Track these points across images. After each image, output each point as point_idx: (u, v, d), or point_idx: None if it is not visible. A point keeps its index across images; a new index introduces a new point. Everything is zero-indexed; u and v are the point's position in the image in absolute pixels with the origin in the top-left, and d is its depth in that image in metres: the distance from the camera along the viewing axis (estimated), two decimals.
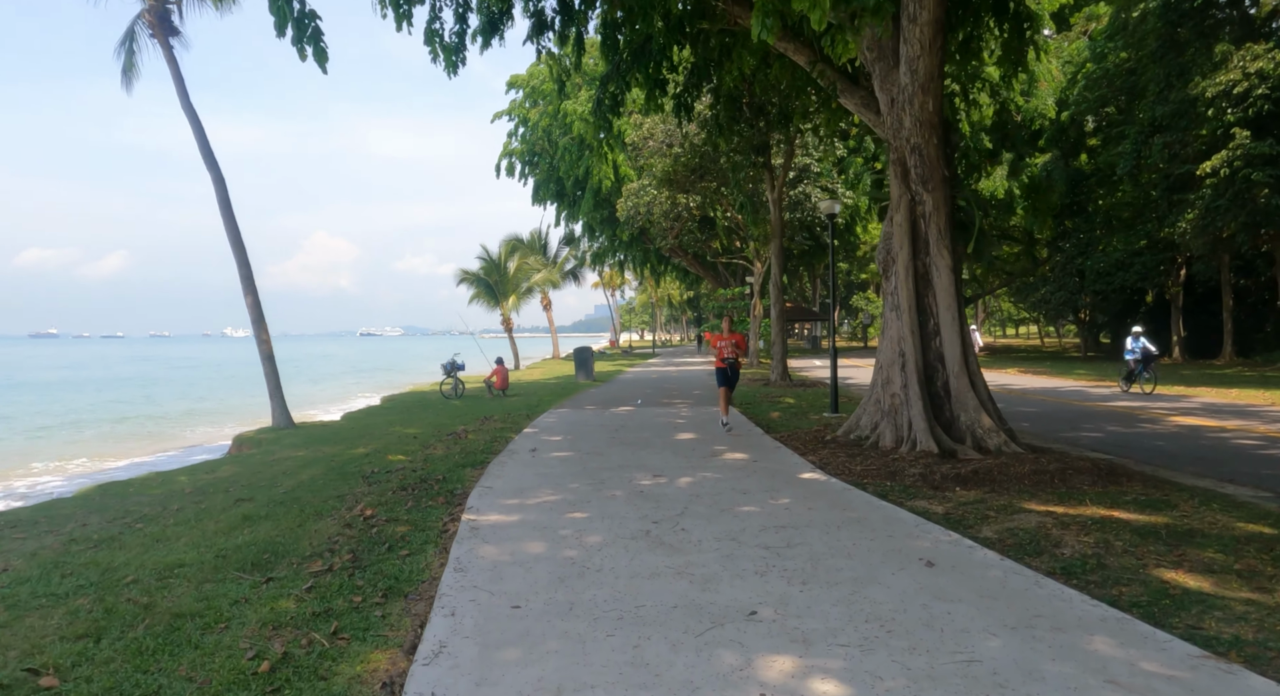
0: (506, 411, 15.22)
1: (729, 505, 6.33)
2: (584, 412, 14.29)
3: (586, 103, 39.09)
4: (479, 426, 12.76)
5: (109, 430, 21.93)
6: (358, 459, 9.44)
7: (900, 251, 8.82)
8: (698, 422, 12.28)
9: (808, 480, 7.33)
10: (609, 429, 11.68)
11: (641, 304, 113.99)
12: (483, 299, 38.53)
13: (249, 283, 13.45)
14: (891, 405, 9.00)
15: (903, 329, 8.87)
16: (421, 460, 9.32)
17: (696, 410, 14.34)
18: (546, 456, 9.16)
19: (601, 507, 6.36)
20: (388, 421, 14.05)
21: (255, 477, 8.40)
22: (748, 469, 8.01)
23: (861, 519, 5.76)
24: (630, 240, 43.53)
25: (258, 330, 13.69)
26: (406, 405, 17.77)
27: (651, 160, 30.11)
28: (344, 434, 12.32)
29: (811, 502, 6.34)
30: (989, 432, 8.33)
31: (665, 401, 16.37)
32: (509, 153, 44.32)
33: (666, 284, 75.29)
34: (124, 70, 14.06)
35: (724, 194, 28.52)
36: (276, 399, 13.78)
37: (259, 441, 12.39)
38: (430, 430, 12.42)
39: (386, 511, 6.60)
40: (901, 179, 8.72)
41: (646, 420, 12.82)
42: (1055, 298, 36.39)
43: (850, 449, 8.96)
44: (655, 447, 9.63)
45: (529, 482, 7.55)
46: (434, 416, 14.73)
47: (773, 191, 21.43)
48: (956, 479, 7.23)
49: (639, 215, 31.98)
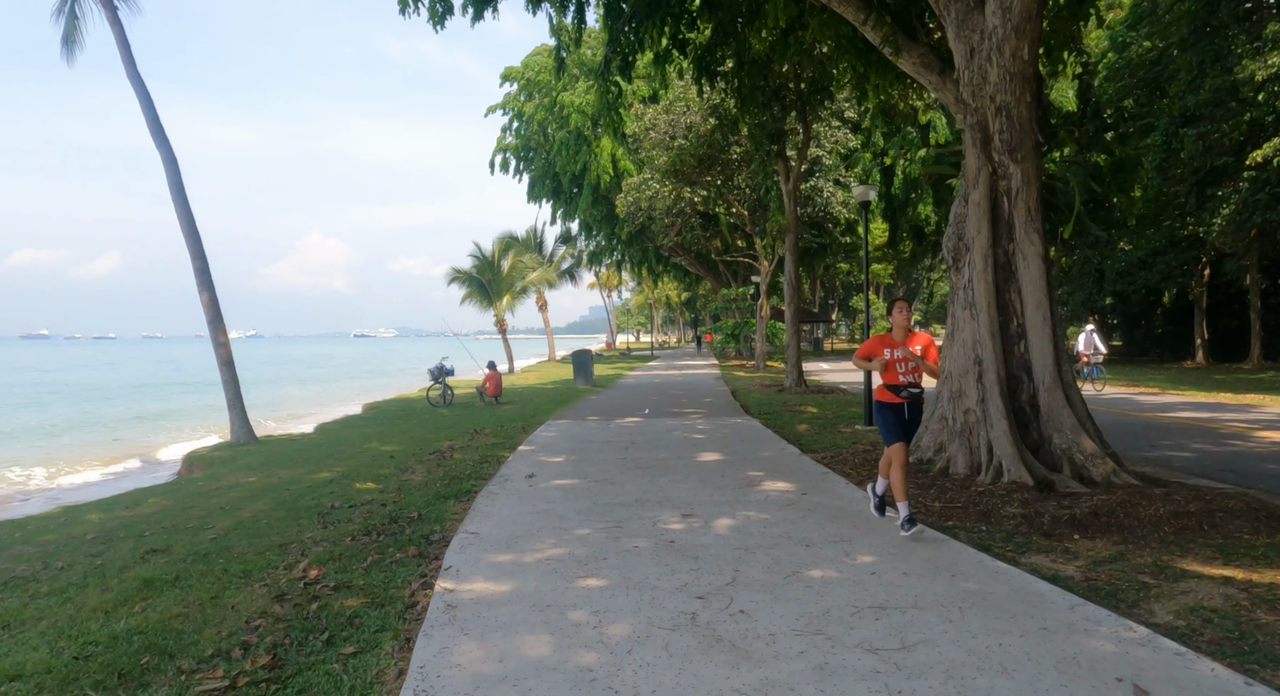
0: (499, 423, 13.62)
1: (794, 566, 4.74)
2: (586, 425, 12.70)
3: (584, 94, 37.51)
4: (467, 442, 11.15)
5: (75, 440, 20.21)
6: (318, 487, 7.82)
7: (977, 237, 7.25)
8: (720, 439, 10.69)
9: (884, 524, 5.74)
10: (617, 446, 10.08)
11: (638, 305, 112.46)
12: (475, 299, 36.85)
13: (204, 277, 11.81)
14: (965, 423, 7.42)
15: (979, 331, 7.30)
16: (395, 489, 7.71)
17: (714, 422, 12.75)
18: (546, 485, 7.56)
19: (623, 568, 4.77)
20: (364, 435, 12.43)
21: (184, 515, 6.80)
22: (798, 505, 6.42)
23: (985, 593, 4.18)
24: (629, 238, 41.94)
25: (214, 332, 12.04)
26: (388, 414, 16.15)
27: (653, 153, 28.55)
28: (310, 451, 10.71)
29: (904, 563, 4.76)
30: (1092, 459, 6.76)
31: (676, 411, 14.78)
32: (503, 148, 42.70)
33: (664, 284, 73.76)
34: (64, 39, 12.44)
35: (731, 188, 26.96)
36: (236, 410, 12.14)
37: (211, 460, 10.78)
38: (411, 447, 10.80)
39: (337, 571, 5.00)
40: (980, 147, 7.15)
41: (659, 435, 11.23)
42: (1073, 298, 34.95)
43: (914, 476, 7.38)
44: (676, 472, 8.04)
45: (526, 525, 5.95)
46: (417, 429, 13.11)
47: (787, 182, 19.86)
48: (1071, 523, 5.66)
49: (639, 211, 30.40)
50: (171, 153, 11.61)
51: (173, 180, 11.55)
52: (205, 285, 11.80)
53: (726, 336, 36.82)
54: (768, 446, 9.88)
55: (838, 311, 77.47)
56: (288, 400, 30.30)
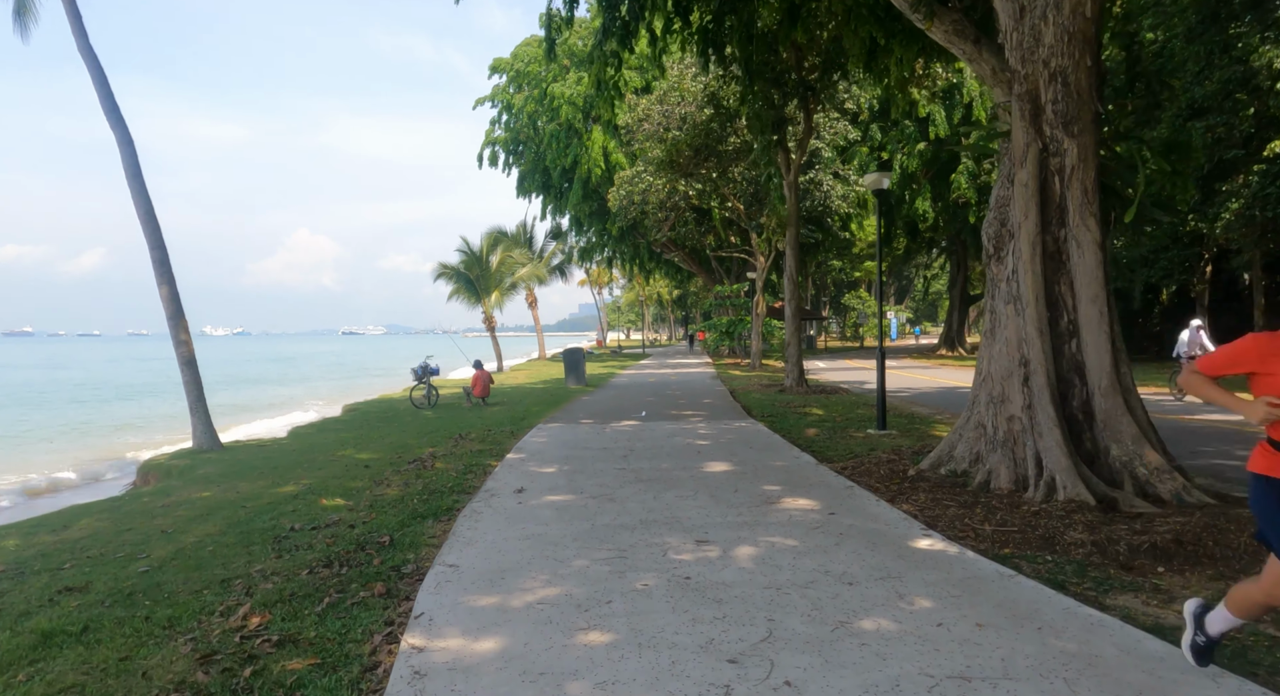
0: (486, 426, 12.74)
1: (840, 613, 3.90)
2: (580, 429, 11.83)
3: (574, 86, 36.59)
4: (451, 448, 10.27)
5: (25, 446, 19.16)
6: (279, 504, 6.93)
7: (1024, 222, 6.43)
8: (725, 445, 9.85)
9: (933, 554, 4.91)
10: (615, 454, 9.22)
11: (628, 302, 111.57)
12: (463, 295, 35.83)
13: (164, 269, 10.83)
14: (1008, 432, 6.61)
15: (1025, 328, 6.48)
16: (366, 506, 6.82)
17: (716, 426, 11.92)
18: (538, 502, 6.69)
19: (633, 616, 3.92)
20: (339, 440, 11.52)
21: (118, 540, 5.90)
22: (828, 528, 5.58)
23: (1090, 656, 3.35)
24: (620, 234, 41.07)
25: (175, 329, 11.05)
26: (369, 417, 15.23)
27: (646, 145, 27.67)
28: (278, 460, 9.80)
29: (973, 609, 3.92)
30: (1159, 474, 5.95)
31: (674, 414, 13.93)
32: (492, 141, 41.72)
33: (656, 281, 72.94)
34: (15, 13, 11.46)
35: (727, 180, 26.12)
36: (198, 414, 11.17)
37: (168, 470, 9.85)
38: (388, 454, 9.90)
39: (285, 617, 4.13)
40: (1030, 120, 6.32)
41: (659, 440, 10.38)
42: None
43: (950, 491, 6.57)
44: (683, 486, 7.19)
45: (514, 555, 5.09)
46: (397, 433, 12.21)
47: (788, 174, 19.04)
48: (1153, 552, 4.84)
49: (632, 205, 29.53)
50: (127, 133, 10.62)
51: (128, 162, 10.56)
52: (165, 278, 10.80)
53: (721, 334, 36.03)
54: (779, 454, 9.04)
55: (829, 309, 76.78)
56: (266, 400, 29.25)
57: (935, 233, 47.02)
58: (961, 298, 46.27)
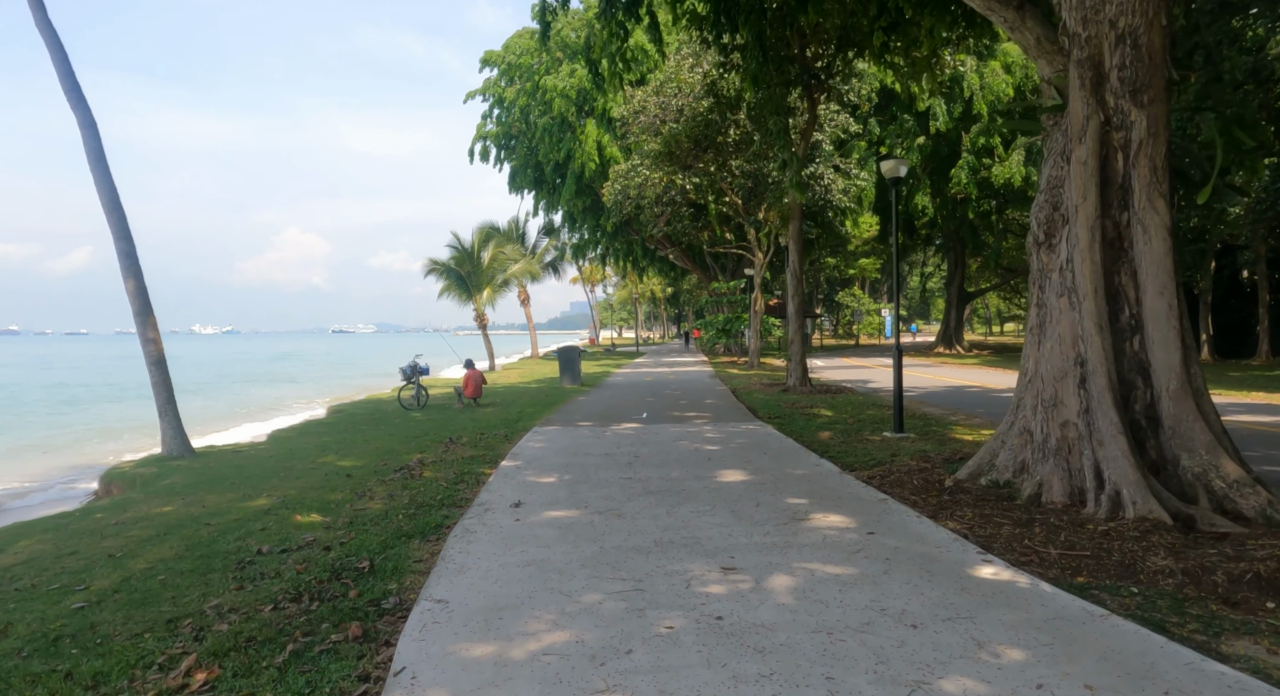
0: (479, 429, 12.01)
1: (912, 669, 3.21)
2: (579, 432, 11.12)
3: (567, 78, 35.81)
4: (441, 454, 9.53)
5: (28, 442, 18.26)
6: (247, 521, 6.18)
7: (1081, 204, 5.75)
8: (737, 450, 9.15)
9: (1001, 586, 4.22)
10: (619, 461, 8.51)
11: (620, 300, 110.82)
12: (454, 292, 34.97)
13: (130, 261, 10.00)
14: (1061, 439, 5.93)
15: (1081, 324, 5.81)
16: (345, 522, 6.09)
17: (723, 429, 11.22)
18: (537, 518, 5.97)
19: (659, 673, 3.22)
20: (322, 445, 10.76)
21: (56, 566, 5.16)
22: (871, 551, 4.89)
23: None
24: (614, 230, 40.38)
25: (142, 327, 10.21)
26: (354, 419, 14.46)
27: (643, 138, 26.96)
28: (253, 468, 9.03)
29: (1076, 665, 3.23)
30: (1239, 487, 5.29)
31: (677, 415, 13.23)
32: (483, 135, 40.86)
33: (649, 279, 72.22)
34: None
35: (725, 174, 25.43)
36: (168, 418, 10.35)
37: (131, 480, 9.06)
38: (373, 461, 9.15)
39: (237, 673, 3.41)
40: (1091, 89, 5.64)
41: (664, 445, 9.67)
42: None
43: (997, 505, 5.89)
44: (698, 499, 6.49)
45: (513, 586, 4.38)
46: (384, 437, 11.46)
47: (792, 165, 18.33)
48: (1257, 584, 4.17)
49: (627, 199, 28.80)
50: (89, 115, 9.79)
51: (91, 146, 9.73)
52: (131, 271, 9.98)
53: (717, 332, 35.34)
54: (797, 460, 8.35)
55: (822, 307, 76.09)
56: (248, 401, 28.37)
57: (932, 229, 46.52)
58: (959, 295, 45.76)
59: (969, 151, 35.26)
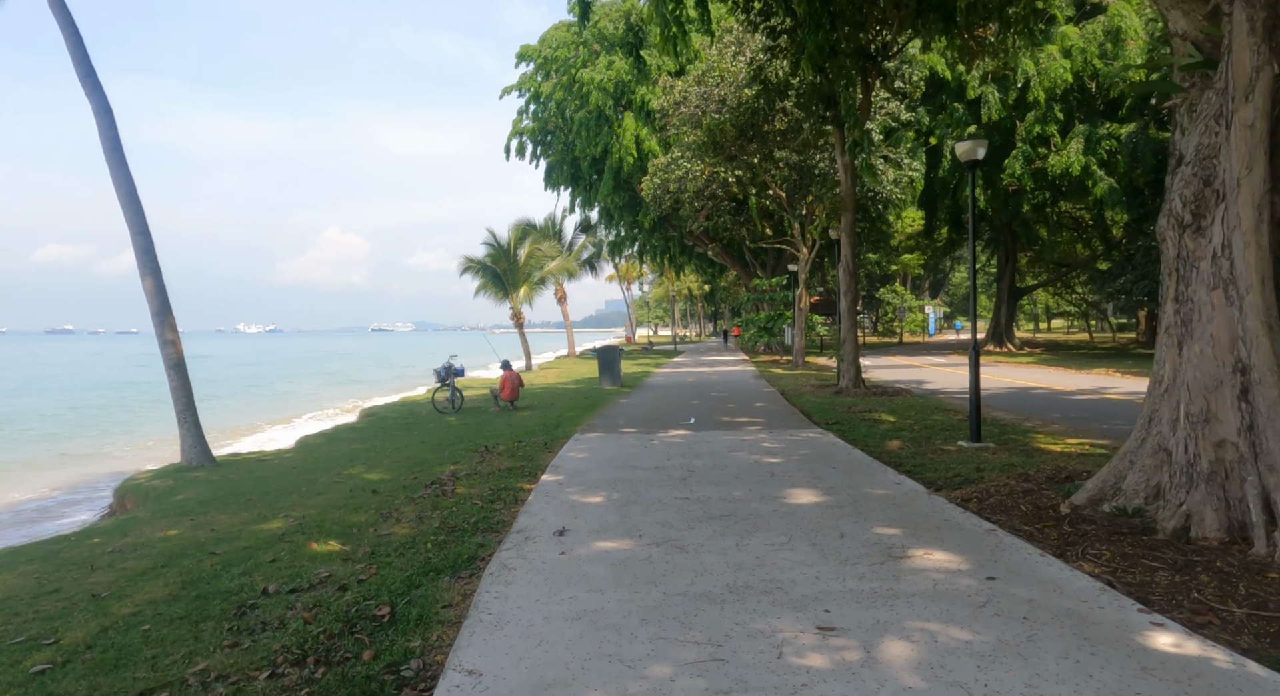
0: (516, 436, 11.24)
1: None
2: (624, 440, 10.28)
3: (605, 70, 35.01)
4: (476, 466, 8.76)
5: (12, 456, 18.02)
6: (257, 550, 5.45)
7: (1245, 177, 4.72)
8: (801, 463, 8.22)
9: (1193, 666, 3.26)
10: (671, 475, 7.65)
11: (657, 298, 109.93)
12: (490, 290, 34.39)
13: (147, 257, 9.40)
14: (1216, 462, 4.92)
15: (1242, 323, 4.78)
16: (366, 552, 5.32)
17: (781, 437, 10.29)
18: (586, 550, 5.13)
19: None
20: (350, 454, 10.08)
21: (28, 611, 4.45)
22: (1000, 607, 3.95)
23: None
24: (652, 227, 39.53)
25: (160, 327, 9.59)
26: (386, 424, 13.81)
27: (683, 130, 26.04)
28: (273, 481, 8.36)
29: None
30: None
31: (727, 420, 12.32)
32: (519, 131, 40.28)
33: (686, 276, 71.22)
34: None
35: (769, 166, 24.40)
36: (187, 424, 9.73)
37: (147, 493, 8.44)
38: (403, 473, 8.41)
39: None
40: (1264, 34, 4.61)
41: (719, 456, 8.78)
42: (1138, 287, 32.03)
43: (1134, 540, 4.89)
44: (768, 526, 5.60)
45: (560, 651, 3.53)
46: (416, 444, 10.75)
47: (843, 155, 17.31)
48: None
49: (666, 194, 27.91)
50: (105, 101, 9.20)
51: (107, 134, 9.16)
52: (149, 268, 9.37)
53: (759, 330, 34.24)
54: (872, 476, 7.40)
55: (863, 304, 74.30)
56: (285, 401, 28.10)
57: (981, 223, 44.82)
58: (1009, 290, 43.99)
59: (1023, 141, 33.68)
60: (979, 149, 9.88)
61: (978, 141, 9.87)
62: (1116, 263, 35.65)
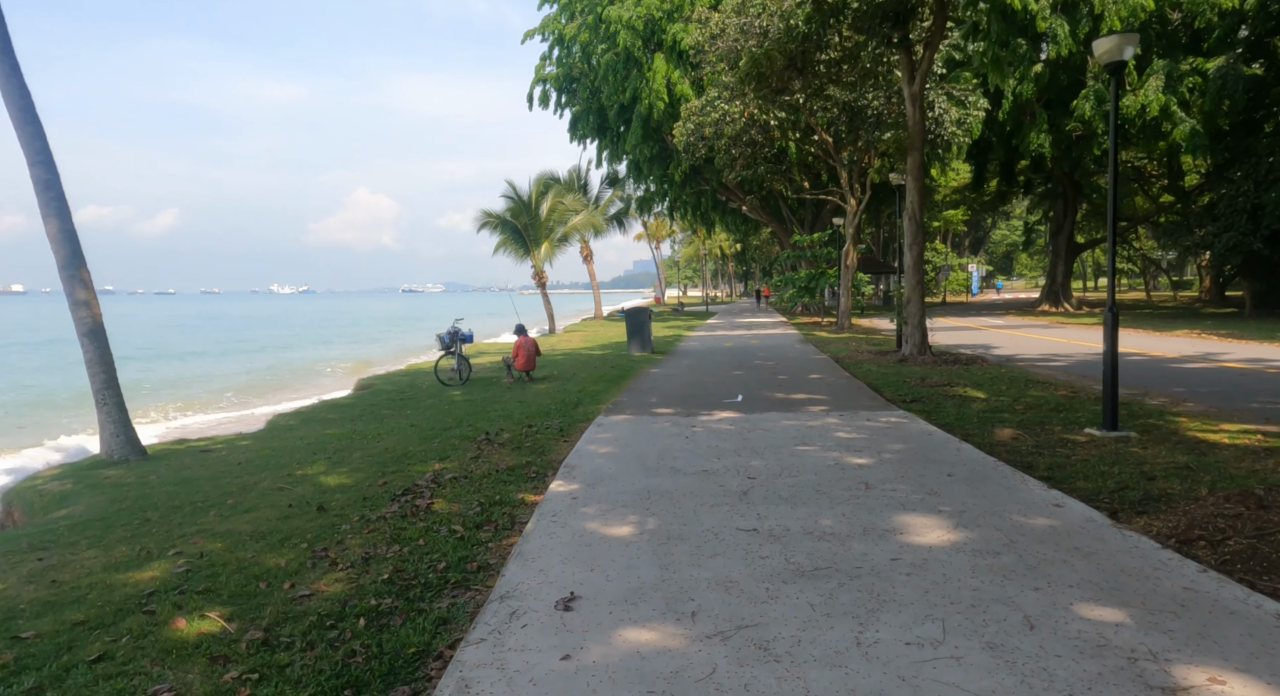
0: (527, 416, 9.26)
1: None
2: (658, 425, 8.22)
3: (634, 7, 32.22)
4: (469, 463, 6.78)
5: None
6: (89, 633, 3.49)
7: None
8: (896, 463, 6.10)
9: None
10: (726, 486, 5.57)
11: (687, 257, 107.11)
12: (510, 247, 32.22)
13: (52, 194, 7.24)
14: None
15: None
16: (255, 643, 3.33)
17: (855, 421, 8.16)
18: (603, 650, 3.10)
19: None
20: (317, 443, 8.14)
21: None
22: None
23: None
24: (683, 180, 36.91)
25: (70, 283, 7.42)
26: (380, 399, 11.87)
27: (720, 68, 23.46)
28: (202, 486, 6.41)
29: None
30: None
31: (780, 397, 10.21)
32: (542, 78, 37.65)
33: (717, 234, 68.45)
34: None
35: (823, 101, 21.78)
36: (108, 408, 7.71)
37: (30, 502, 6.55)
38: (372, 475, 6.45)
39: None
40: None
41: (783, 450, 6.69)
42: (1221, 241, 28.92)
43: None
44: (895, 592, 3.52)
45: None
46: (405, 428, 8.80)
47: (911, 83, 14.80)
48: None
49: (701, 140, 25.40)
50: None
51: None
52: (54, 209, 7.26)
53: (799, 290, 31.80)
54: (1010, 490, 5.26)
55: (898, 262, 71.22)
56: (279, 370, 26.42)
57: (1035, 174, 41.47)
58: (1068, 246, 40.85)
59: (1094, 79, 30.43)
60: (1127, 46, 7.47)
61: (1126, 36, 7.45)
62: (1194, 214, 32.42)
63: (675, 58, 31.96)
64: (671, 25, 31.36)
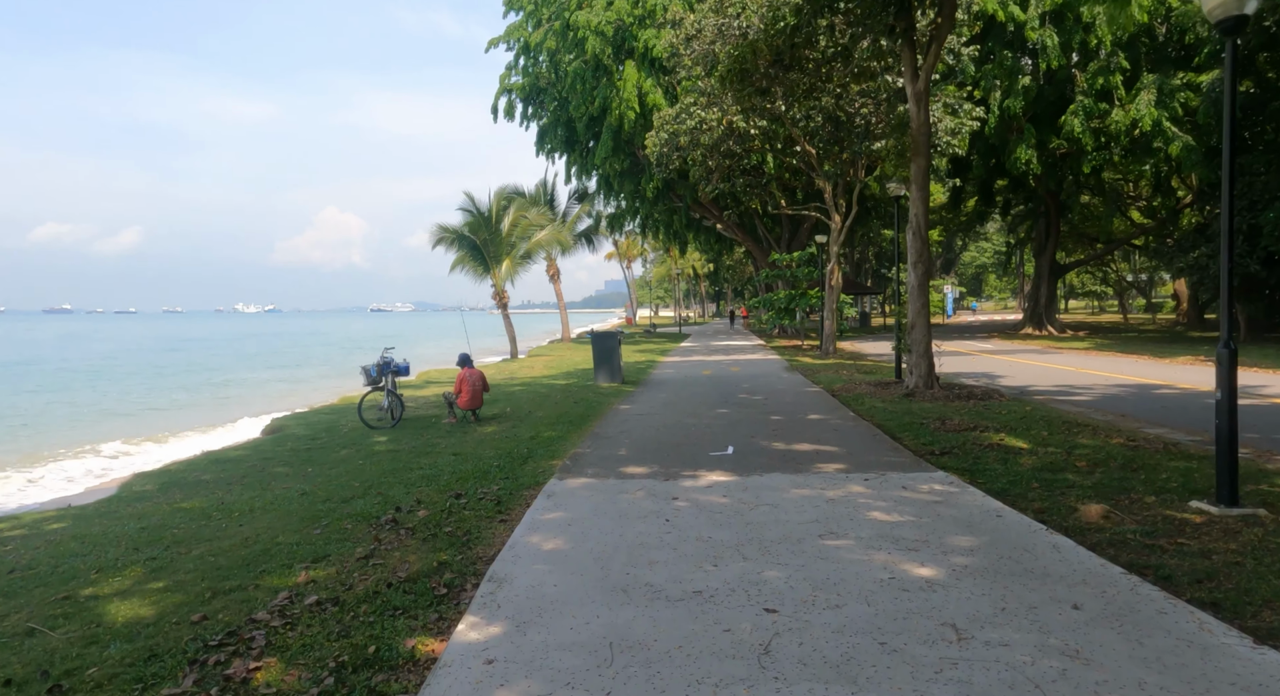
0: (459, 477, 7.13)
1: None
2: (626, 498, 6.13)
3: (603, 10, 30.45)
4: (354, 566, 4.64)
5: None
6: None
7: None
8: (981, 581, 4.09)
9: None
10: (734, 632, 3.52)
11: (659, 277, 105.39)
12: (468, 265, 29.95)
13: None
14: None
15: None
16: None
17: (889, 492, 6.14)
18: None
19: None
20: (156, 528, 5.90)
21: None
22: None
23: None
24: (655, 196, 35.03)
25: None
26: (280, 450, 9.61)
27: (695, 72, 21.71)
28: None
29: None
30: None
31: (781, 448, 8.19)
32: (507, 88, 35.74)
33: (690, 253, 66.73)
34: None
35: (804, 111, 20.08)
36: None
37: None
38: (194, 598, 4.29)
39: None
40: None
41: (813, 556, 4.66)
42: (1214, 262, 27.69)
43: None
44: None
45: None
46: (288, 500, 6.61)
47: (915, 81, 13.04)
48: None
49: (675, 150, 23.57)
50: None
51: None
52: None
53: (779, 311, 29.99)
54: (1189, 644, 3.28)
55: (871, 282, 69.76)
56: (214, 397, 23.92)
57: (1015, 193, 40.28)
58: (1050, 267, 39.61)
59: (1083, 93, 29.25)
60: (1248, 1, 5.64)
61: None
62: (1185, 235, 31.28)
63: (647, 65, 30.23)
64: (643, 31, 29.62)
